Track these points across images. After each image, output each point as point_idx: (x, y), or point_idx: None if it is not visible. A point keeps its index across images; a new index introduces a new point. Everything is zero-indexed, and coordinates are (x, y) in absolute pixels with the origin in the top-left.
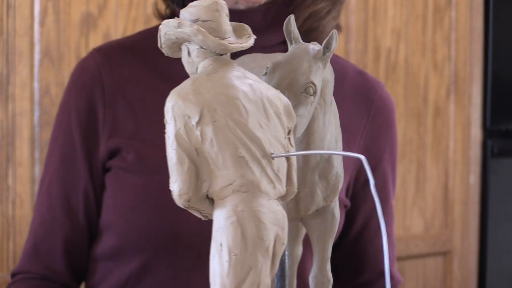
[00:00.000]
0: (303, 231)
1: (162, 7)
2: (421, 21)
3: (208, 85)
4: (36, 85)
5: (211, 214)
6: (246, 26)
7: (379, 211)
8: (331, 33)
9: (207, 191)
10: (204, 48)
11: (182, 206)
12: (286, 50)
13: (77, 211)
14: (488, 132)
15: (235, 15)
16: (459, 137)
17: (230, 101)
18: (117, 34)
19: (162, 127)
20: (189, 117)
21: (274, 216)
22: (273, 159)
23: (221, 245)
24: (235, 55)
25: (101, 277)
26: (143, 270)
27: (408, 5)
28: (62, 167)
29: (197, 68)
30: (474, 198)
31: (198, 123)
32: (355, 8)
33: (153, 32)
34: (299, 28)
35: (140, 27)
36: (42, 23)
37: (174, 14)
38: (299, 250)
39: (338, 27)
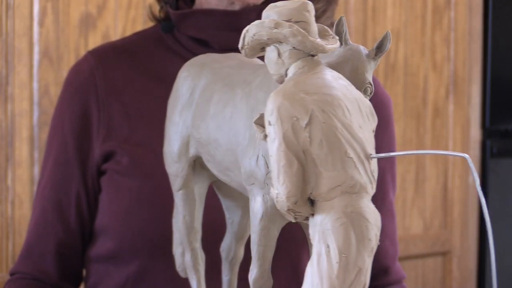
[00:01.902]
0: (248, 232)
1: (156, 9)
2: (420, 21)
3: (311, 86)
4: (35, 85)
5: (302, 216)
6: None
7: (485, 212)
8: (385, 33)
9: (310, 193)
10: (297, 49)
11: (284, 209)
12: None
13: (69, 214)
14: (487, 132)
15: (230, 16)
16: (458, 137)
17: (334, 102)
18: (116, 34)
19: (157, 130)
20: (297, 118)
21: (375, 216)
22: (371, 159)
23: (328, 246)
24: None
25: (99, 278)
26: (140, 272)
27: (407, 5)
28: (56, 170)
29: (286, 70)
30: (473, 198)
31: (307, 124)
32: (354, 8)
33: (148, 34)
34: None
35: (139, 27)
36: (41, 24)
37: (168, 16)
38: (243, 251)
39: (332, 26)
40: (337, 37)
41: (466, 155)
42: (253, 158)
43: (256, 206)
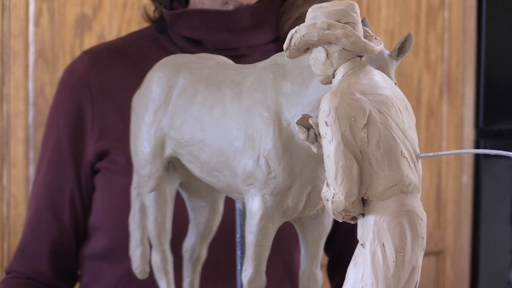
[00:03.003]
0: (213, 233)
1: (151, 10)
2: (414, 22)
3: (366, 86)
4: (30, 85)
5: (350, 216)
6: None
7: None
8: (407, 34)
9: (364, 193)
10: (346, 50)
11: (339, 209)
12: (275, 49)
13: (63, 213)
14: (481, 132)
15: (223, 16)
16: (452, 137)
17: (388, 102)
18: (111, 35)
19: None
20: (355, 119)
21: (424, 215)
22: (419, 159)
23: (384, 245)
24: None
25: (93, 277)
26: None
27: (402, 6)
28: (50, 169)
29: (334, 70)
30: (467, 198)
31: (365, 125)
32: None
33: (142, 34)
34: (289, 29)
35: (134, 28)
36: (36, 24)
37: (162, 17)
38: (206, 251)
39: None
40: (378, 38)
41: (511, 154)
42: (253, 159)
43: (255, 206)
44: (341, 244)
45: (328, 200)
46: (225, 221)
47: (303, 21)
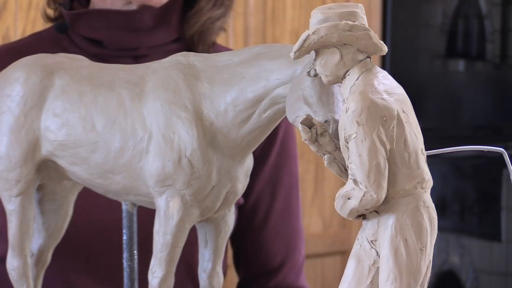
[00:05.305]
0: (61, 236)
1: (50, 10)
2: None
3: (388, 87)
4: None
5: (365, 213)
6: None
7: None
8: None
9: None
10: (360, 51)
11: (367, 206)
12: (176, 49)
13: None
14: None
15: (124, 16)
16: None
17: (406, 102)
18: (16, 35)
19: None
20: (385, 118)
21: None
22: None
23: (406, 240)
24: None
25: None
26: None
27: (307, 7)
28: None
29: (346, 71)
30: None
31: (395, 124)
32: (254, 10)
33: (44, 35)
34: (195, 31)
35: (39, 28)
36: None
37: (62, 17)
38: (51, 255)
39: (224, 30)
40: None
41: (502, 150)
42: (172, 160)
43: (174, 207)
44: (242, 235)
45: (350, 198)
46: (111, 223)
47: (210, 25)
